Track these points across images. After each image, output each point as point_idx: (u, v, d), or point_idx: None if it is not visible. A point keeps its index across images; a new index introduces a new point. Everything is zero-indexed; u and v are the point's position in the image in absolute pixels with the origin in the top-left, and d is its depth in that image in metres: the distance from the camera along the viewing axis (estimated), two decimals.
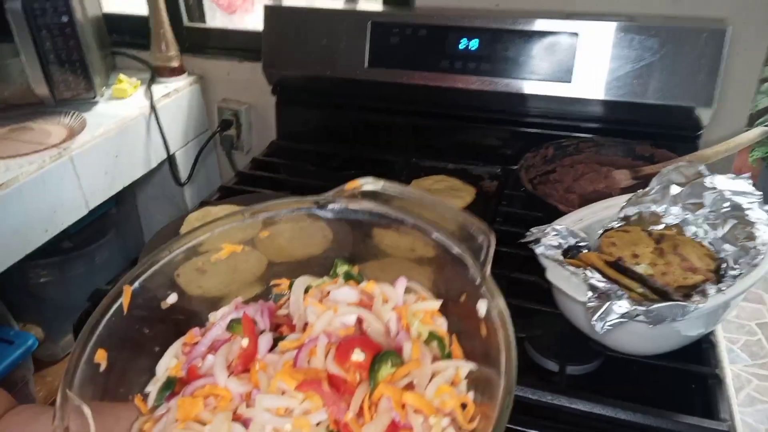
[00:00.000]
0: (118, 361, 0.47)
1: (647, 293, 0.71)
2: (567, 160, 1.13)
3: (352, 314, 0.50)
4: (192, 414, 0.45)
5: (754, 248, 0.73)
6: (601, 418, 0.69)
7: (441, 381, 0.46)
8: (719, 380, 0.73)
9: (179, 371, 0.49)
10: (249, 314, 0.50)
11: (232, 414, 0.45)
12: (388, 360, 0.46)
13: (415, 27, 1.20)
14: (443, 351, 0.50)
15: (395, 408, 0.43)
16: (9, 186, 1.07)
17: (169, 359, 0.50)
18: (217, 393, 0.46)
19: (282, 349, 0.49)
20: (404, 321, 0.50)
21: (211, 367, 0.48)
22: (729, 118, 1.17)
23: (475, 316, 0.47)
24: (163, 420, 0.46)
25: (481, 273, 0.48)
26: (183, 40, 1.51)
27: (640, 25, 1.07)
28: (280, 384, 0.45)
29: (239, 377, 0.47)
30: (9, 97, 1.37)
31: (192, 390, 0.47)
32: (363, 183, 0.55)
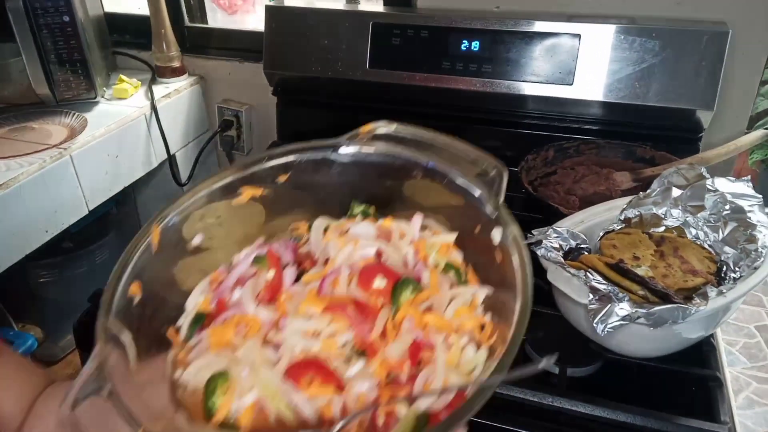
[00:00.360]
0: (150, 296, 0.49)
1: (648, 295, 0.71)
2: (568, 162, 1.13)
3: (372, 247, 0.52)
4: (224, 340, 0.47)
5: (755, 251, 0.73)
6: (601, 420, 0.68)
7: (459, 303, 0.48)
8: (719, 383, 0.73)
9: (208, 306, 0.51)
10: (273, 249, 0.53)
11: (262, 339, 0.47)
12: (409, 286, 0.48)
13: (417, 28, 1.20)
14: (460, 279, 0.52)
15: (417, 328, 0.46)
16: (9, 186, 1.07)
17: (197, 295, 0.52)
18: (247, 321, 0.48)
19: (305, 281, 0.51)
20: (422, 253, 0.52)
21: (239, 299, 0.50)
22: (729, 121, 1.17)
23: (490, 246, 0.49)
24: (196, 349, 0.48)
25: (495, 202, 0.50)
26: (184, 41, 1.51)
27: (642, 27, 1.08)
28: (308, 309, 0.47)
29: (267, 306, 0.49)
30: (10, 97, 1.37)
31: (222, 320, 0.49)
32: (376, 126, 0.57)
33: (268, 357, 0.46)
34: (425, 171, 0.54)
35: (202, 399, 0.45)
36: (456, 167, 0.53)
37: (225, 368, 0.45)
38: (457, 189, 0.53)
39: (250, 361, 0.45)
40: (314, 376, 0.45)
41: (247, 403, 0.44)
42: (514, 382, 0.72)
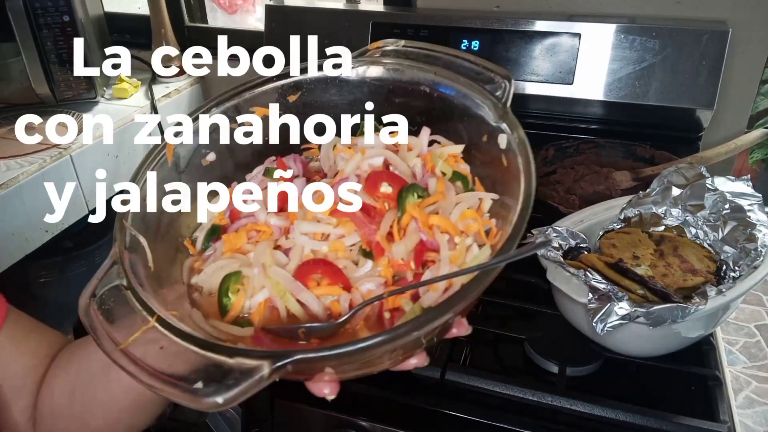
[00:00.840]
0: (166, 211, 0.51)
1: (647, 295, 0.71)
2: (567, 162, 1.13)
3: (380, 156, 0.53)
4: (237, 245, 0.50)
5: (755, 250, 0.73)
6: (601, 420, 0.69)
7: (464, 207, 0.49)
8: (719, 382, 0.73)
9: (223, 219, 0.53)
10: (283, 160, 0.56)
11: (273, 244, 0.49)
12: (414, 191, 0.49)
13: (417, 28, 1.20)
14: (467, 188, 0.53)
15: (422, 228, 0.47)
16: (9, 186, 1.07)
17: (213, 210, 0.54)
18: (259, 228, 0.51)
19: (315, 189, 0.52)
20: (429, 165, 0.53)
21: (250, 210, 0.52)
22: (729, 120, 1.17)
23: (497, 155, 0.49)
24: (211, 258, 0.51)
25: (501, 108, 0.50)
26: (184, 40, 1.51)
27: (642, 26, 1.08)
28: (316, 213, 0.49)
29: (278, 214, 0.51)
30: (10, 97, 1.37)
31: (236, 227, 0.52)
32: (384, 43, 0.58)
33: (279, 259, 0.48)
34: (432, 86, 0.55)
35: (216, 298, 0.47)
36: (463, 78, 0.53)
37: (238, 269, 0.47)
38: (464, 100, 0.53)
39: (261, 261, 0.47)
40: (323, 276, 0.46)
41: (258, 301, 0.46)
42: (515, 383, 0.72)
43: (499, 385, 0.71)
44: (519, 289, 0.89)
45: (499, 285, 0.93)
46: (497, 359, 0.83)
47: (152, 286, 0.44)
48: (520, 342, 0.81)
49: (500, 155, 0.49)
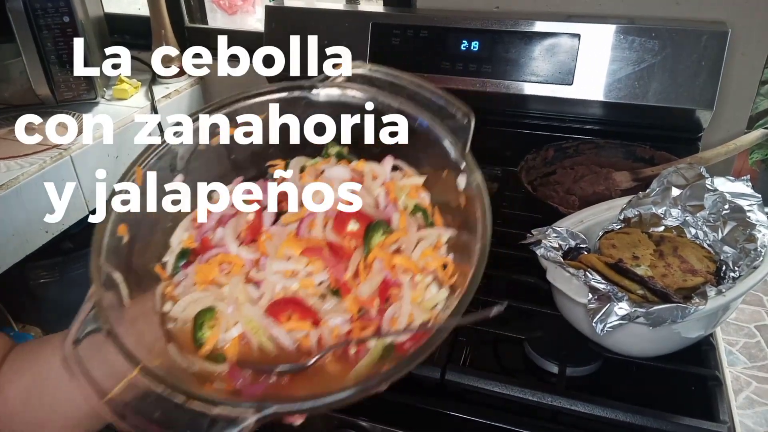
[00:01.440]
0: (137, 234, 0.52)
1: (647, 295, 0.71)
2: (567, 162, 1.13)
3: (346, 191, 0.55)
4: (209, 278, 0.51)
5: (754, 250, 0.73)
6: (601, 420, 0.69)
7: (425, 245, 0.53)
8: (719, 382, 0.73)
9: (192, 243, 0.54)
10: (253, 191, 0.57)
11: (245, 277, 0.51)
12: (380, 229, 0.52)
13: (416, 28, 1.20)
14: (427, 220, 0.56)
15: (386, 268, 0.50)
16: (9, 186, 1.07)
17: (181, 232, 0.56)
18: (230, 260, 0.52)
19: (284, 222, 0.54)
20: (392, 195, 0.56)
21: (222, 238, 0.54)
22: (729, 121, 1.17)
23: (455, 189, 0.53)
24: (182, 284, 0.52)
25: (461, 151, 0.53)
26: (184, 41, 1.51)
27: (641, 27, 1.08)
28: (287, 251, 0.51)
29: (248, 246, 0.53)
30: (10, 97, 1.37)
31: (207, 258, 0.53)
32: (353, 66, 0.59)
33: (251, 294, 0.50)
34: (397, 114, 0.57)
35: (191, 332, 0.49)
36: (426, 112, 0.55)
37: (212, 304, 0.49)
38: (426, 133, 0.55)
39: (235, 298, 0.49)
40: (293, 312, 0.49)
41: (233, 336, 0.48)
42: (515, 383, 0.72)
43: (499, 385, 0.71)
44: (519, 289, 0.90)
45: (499, 285, 0.93)
46: (497, 359, 0.84)
47: (129, 324, 0.45)
48: (520, 342, 0.81)
49: (458, 193, 0.53)
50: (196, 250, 0.54)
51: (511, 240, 0.93)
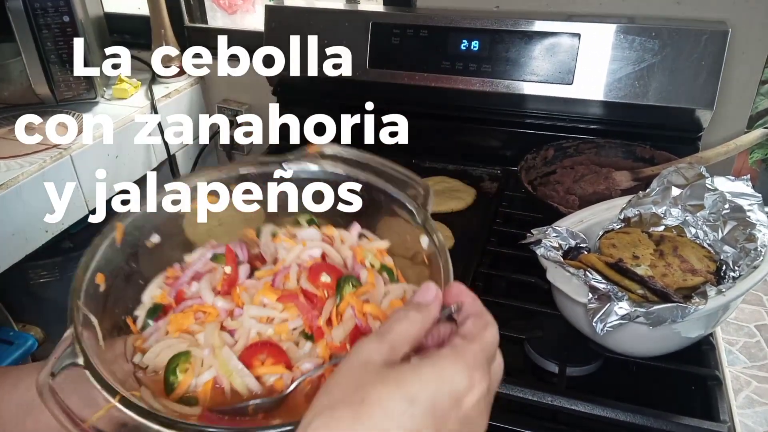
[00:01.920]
0: (113, 286, 0.54)
1: (647, 295, 0.71)
2: (567, 162, 1.13)
3: (318, 248, 0.60)
4: (184, 326, 0.53)
5: (754, 250, 0.73)
6: (601, 420, 0.69)
7: (392, 297, 0.57)
8: (719, 382, 0.73)
9: (165, 298, 0.56)
10: (231, 246, 0.60)
11: (219, 325, 0.53)
12: (350, 281, 0.56)
13: (416, 28, 1.20)
14: (392, 279, 0.60)
15: (358, 315, 0.53)
16: (9, 186, 1.07)
17: (154, 289, 0.57)
18: (205, 309, 0.54)
19: (258, 277, 0.58)
20: (359, 257, 0.60)
21: (197, 291, 0.56)
22: (729, 120, 1.17)
23: (419, 253, 0.57)
24: (153, 337, 0.53)
25: (423, 213, 0.57)
26: (184, 41, 1.51)
27: (641, 26, 1.08)
28: (262, 299, 0.54)
29: (224, 297, 0.55)
30: (10, 97, 1.37)
31: (182, 308, 0.55)
32: (322, 146, 0.64)
33: (226, 339, 0.52)
34: (364, 187, 0.62)
35: (161, 377, 0.50)
36: (390, 185, 0.61)
37: (186, 349, 0.51)
38: (391, 202, 0.61)
39: (211, 342, 0.51)
40: (267, 355, 0.51)
41: (205, 380, 0.50)
42: (515, 383, 0.72)
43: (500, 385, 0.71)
44: (519, 289, 0.90)
45: (499, 285, 0.93)
46: None
47: (105, 364, 0.46)
48: (520, 342, 0.81)
49: (422, 254, 0.57)
50: (166, 307, 0.56)
51: (511, 240, 0.93)
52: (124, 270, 0.56)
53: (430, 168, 1.25)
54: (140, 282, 0.58)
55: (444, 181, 1.19)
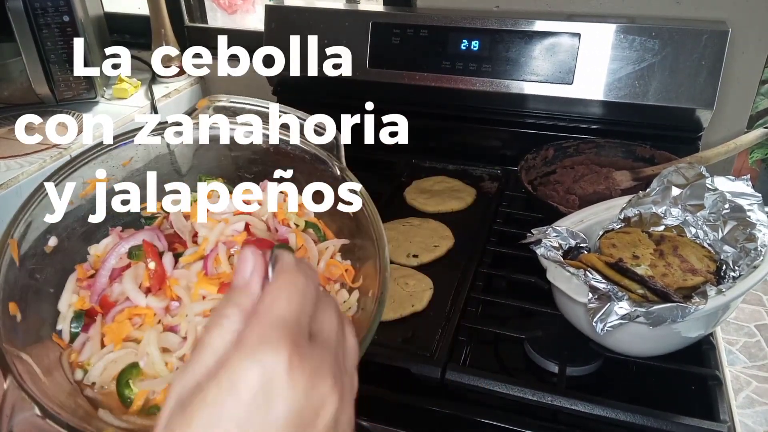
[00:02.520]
0: (27, 309, 0.50)
1: (647, 294, 0.71)
2: (567, 161, 1.13)
3: (241, 221, 0.57)
4: (122, 336, 0.50)
5: (755, 250, 0.73)
6: (601, 420, 0.69)
7: (327, 257, 0.57)
8: (719, 381, 0.73)
9: (84, 304, 0.53)
10: (148, 240, 0.55)
11: (160, 327, 0.51)
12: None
13: (416, 28, 1.20)
14: (319, 234, 0.60)
15: None
16: (9, 186, 1.07)
17: (69, 296, 0.54)
18: (139, 312, 0.51)
19: (184, 263, 0.54)
20: (281, 217, 0.59)
21: (121, 293, 0.53)
22: (729, 120, 1.17)
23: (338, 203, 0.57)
24: (86, 347, 0.50)
25: (338, 165, 0.57)
26: (184, 41, 1.51)
27: (641, 26, 1.08)
28: (201, 291, 0.52)
29: (156, 295, 0.52)
30: (10, 97, 1.37)
31: (113, 316, 0.52)
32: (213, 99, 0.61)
33: (173, 341, 0.50)
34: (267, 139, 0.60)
35: (113, 391, 0.48)
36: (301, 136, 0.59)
37: (134, 360, 0.49)
38: (304, 154, 0.59)
39: (155, 350, 0.49)
40: None
41: (163, 386, 0.48)
42: (515, 383, 0.72)
43: (499, 385, 0.71)
44: (519, 289, 0.90)
45: (499, 285, 0.93)
46: (497, 359, 0.84)
47: (52, 401, 0.44)
48: (520, 342, 0.81)
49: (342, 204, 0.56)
50: (90, 311, 0.53)
51: (511, 239, 0.93)
52: (32, 287, 0.52)
53: (430, 168, 1.25)
54: (51, 291, 0.54)
55: (444, 181, 1.19)
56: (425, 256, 0.96)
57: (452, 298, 0.86)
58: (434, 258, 0.96)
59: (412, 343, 0.81)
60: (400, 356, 0.77)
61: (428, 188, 1.16)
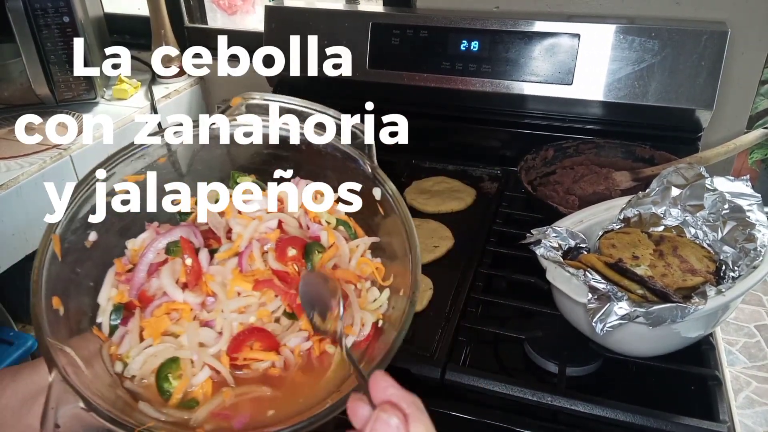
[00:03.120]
0: (69, 303, 0.51)
1: (647, 295, 0.71)
2: (567, 162, 1.13)
3: (274, 219, 0.58)
4: (161, 330, 0.51)
5: (754, 250, 0.73)
6: (601, 420, 0.69)
7: (358, 255, 0.57)
8: (719, 382, 0.73)
9: (123, 298, 0.54)
10: (184, 236, 0.56)
11: (198, 322, 0.52)
12: (314, 249, 0.56)
13: (416, 28, 1.20)
14: (350, 231, 0.60)
15: None
16: (9, 186, 1.07)
17: (108, 289, 0.55)
18: (177, 307, 0.52)
19: (219, 260, 0.55)
20: (312, 215, 0.59)
21: (159, 288, 0.54)
22: (729, 120, 1.17)
23: (372, 202, 0.57)
24: (125, 340, 0.52)
25: (371, 165, 0.57)
26: (184, 41, 1.51)
27: (641, 27, 1.08)
28: (237, 288, 0.53)
29: (192, 290, 0.53)
30: (10, 97, 1.37)
31: (151, 311, 0.53)
32: (247, 97, 0.63)
33: (209, 336, 0.51)
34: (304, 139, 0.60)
35: (155, 385, 0.49)
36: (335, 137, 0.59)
37: (174, 354, 0.50)
38: (337, 153, 0.59)
39: (196, 344, 0.50)
40: (255, 340, 0.51)
41: (201, 380, 0.49)
42: (515, 383, 0.72)
43: (499, 384, 0.72)
44: (519, 289, 0.90)
45: (499, 285, 0.93)
46: (497, 359, 0.84)
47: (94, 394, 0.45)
48: (520, 342, 0.81)
49: (376, 203, 0.57)
50: (129, 305, 0.54)
51: (511, 240, 0.93)
52: (73, 281, 0.54)
53: (430, 168, 1.25)
54: (91, 285, 0.55)
55: (444, 181, 1.19)
56: (425, 256, 0.96)
57: (452, 299, 0.86)
58: (434, 258, 0.96)
59: (412, 343, 0.81)
60: (400, 356, 0.77)
61: (428, 189, 1.16)
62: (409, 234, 0.53)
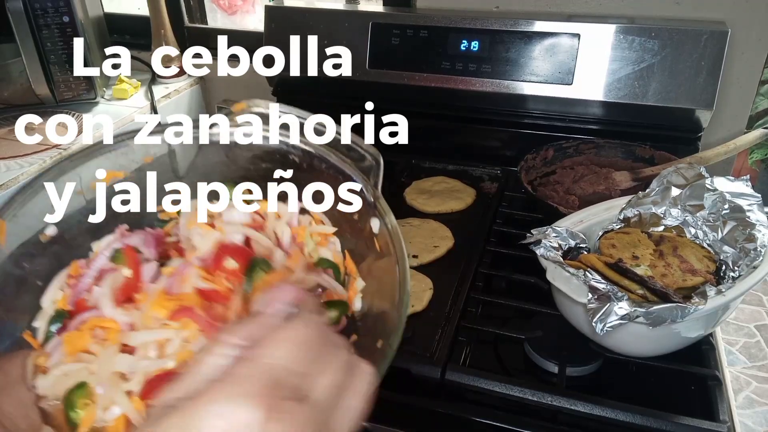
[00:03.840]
0: (2, 297, 0.46)
1: (647, 295, 0.71)
2: (567, 162, 1.13)
3: (239, 233, 0.48)
4: (79, 347, 0.43)
5: (754, 250, 0.73)
6: (601, 420, 0.69)
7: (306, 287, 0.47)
8: (719, 382, 0.73)
9: (66, 304, 0.47)
10: (131, 244, 0.48)
11: (120, 346, 0.43)
12: (259, 265, 0.45)
13: (416, 28, 1.20)
14: (338, 277, 0.50)
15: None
16: (9, 186, 1.07)
17: (54, 292, 0.48)
18: (104, 324, 0.44)
19: (166, 274, 0.47)
20: (299, 239, 0.50)
21: (97, 299, 0.46)
22: (729, 120, 1.17)
23: (369, 235, 0.48)
24: (56, 353, 0.44)
25: (373, 194, 0.48)
26: (184, 41, 1.51)
27: (641, 26, 1.08)
28: (154, 314, 0.43)
29: (125, 307, 0.45)
30: (10, 97, 1.37)
31: (78, 323, 0.45)
32: (251, 105, 0.54)
33: (128, 366, 0.42)
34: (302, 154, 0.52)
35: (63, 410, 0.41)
36: (336, 155, 0.50)
37: (84, 379, 0.41)
38: (338, 175, 0.50)
39: (106, 377, 0.41)
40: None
41: (116, 415, 0.40)
42: (515, 383, 0.72)
43: (499, 385, 0.72)
44: (519, 289, 0.90)
45: (499, 285, 0.93)
46: (497, 359, 0.84)
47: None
48: (520, 342, 0.81)
49: (372, 237, 0.48)
50: (72, 312, 0.46)
51: (511, 240, 0.93)
52: (12, 276, 0.47)
53: (430, 168, 1.25)
54: (38, 284, 0.48)
55: (444, 181, 1.19)
56: (425, 256, 0.96)
57: (452, 299, 0.86)
58: (434, 258, 0.96)
59: (412, 343, 0.81)
60: (400, 356, 0.77)
61: (428, 189, 1.16)
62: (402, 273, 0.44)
